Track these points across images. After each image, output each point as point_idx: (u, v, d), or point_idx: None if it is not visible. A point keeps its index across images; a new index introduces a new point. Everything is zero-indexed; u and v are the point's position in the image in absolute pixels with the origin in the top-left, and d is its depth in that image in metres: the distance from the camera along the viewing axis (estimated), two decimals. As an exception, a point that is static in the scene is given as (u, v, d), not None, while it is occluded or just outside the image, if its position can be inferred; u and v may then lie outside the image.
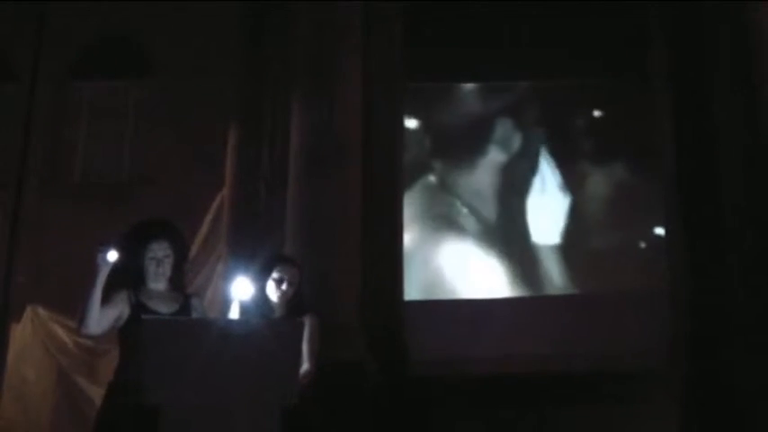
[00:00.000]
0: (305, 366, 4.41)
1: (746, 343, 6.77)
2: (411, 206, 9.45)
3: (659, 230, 9.50)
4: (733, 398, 6.65)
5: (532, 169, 10.60)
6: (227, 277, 4.61)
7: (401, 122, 9.13)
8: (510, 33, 10.11)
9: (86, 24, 10.79)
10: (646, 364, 7.65)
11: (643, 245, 10.01)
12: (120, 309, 4.23)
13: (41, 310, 8.95)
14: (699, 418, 6.85)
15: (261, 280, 4.68)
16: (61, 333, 8.82)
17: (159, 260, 4.35)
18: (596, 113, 10.56)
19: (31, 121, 10.15)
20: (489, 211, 10.60)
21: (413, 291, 9.55)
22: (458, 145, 10.66)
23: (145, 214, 5.33)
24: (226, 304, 4.31)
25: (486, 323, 9.30)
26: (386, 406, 6.62)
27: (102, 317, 4.14)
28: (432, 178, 10.51)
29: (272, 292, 4.72)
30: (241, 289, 4.15)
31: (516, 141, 10.63)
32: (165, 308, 4.32)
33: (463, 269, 10.40)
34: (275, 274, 4.74)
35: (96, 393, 8.35)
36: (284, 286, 4.72)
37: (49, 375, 8.79)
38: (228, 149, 8.90)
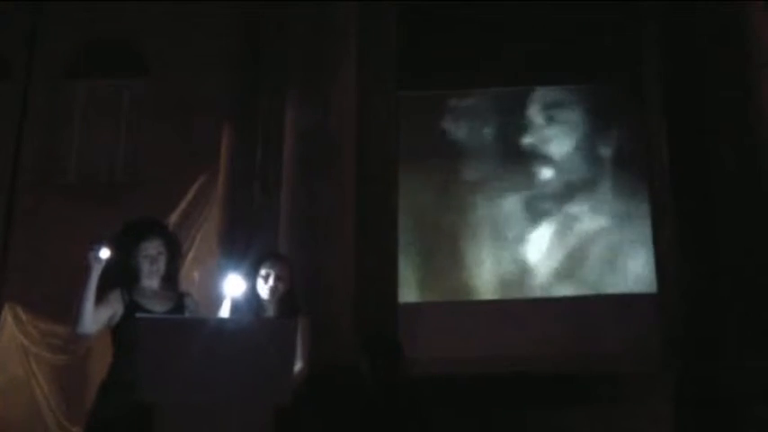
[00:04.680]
0: (298, 366, 4.41)
1: (740, 345, 6.78)
2: (406, 208, 9.45)
3: (653, 234, 9.51)
4: (727, 400, 6.66)
5: (526, 172, 10.61)
6: (219, 276, 4.61)
7: (396, 124, 9.14)
8: (505, 39, 10.13)
9: (81, 23, 10.77)
10: (640, 366, 7.67)
11: (637, 248, 10.02)
12: (113, 307, 4.23)
13: (19, 310, 8.94)
14: (693, 420, 6.86)
15: (251, 278, 4.68)
16: (34, 333, 8.81)
17: (153, 258, 4.36)
18: (590, 119, 10.56)
19: (25, 120, 10.15)
20: (484, 213, 10.60)
21: (408, 292, 9.57)
22: (454, 147, 10.67)
23: (139, 213, 5.34)
24: (218, 303, 4.32)
25: (482, 325, 9.32)
26: (379, 407, 6.62)
27: (96, 316, 4.13)
28: (428, 180, 10.51)
29: (262, 289, 4.71)
30: (233, 287, 4.16)
31: (510, 145, 10.63)
32: (158, 306, 4.33)
33: (458, 271, 10.41)
34: (263, 270, 4.74)
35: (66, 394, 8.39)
36: (272, 281, 4.71)
37: (34, 374, 8.78)
38: (223, 149, 8.89)
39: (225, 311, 4.16)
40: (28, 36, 10.41)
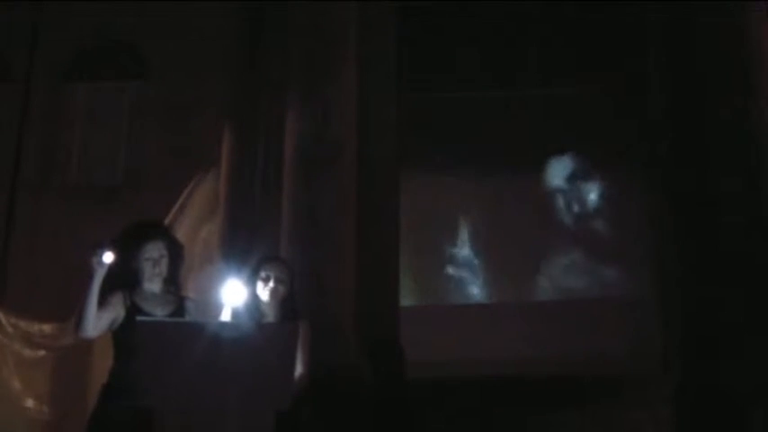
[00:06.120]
0: (298, 370, 4.40)
1: (740, 347, 6.79)
2: (407, 211, 9.44)
3: (652, 235, 9.51)
4: (726, 402, 6.66)
5: (526, 175, 10.61)
6: (219, 279, 4.61)
7: (396, 124, 9.12)
8: (506, 39, 10.13)
9: (82, 25, 10.77)
10: (641, 368, 7.68)
11: (636, 249, 10.02)
12: (116, 311, 4.23)
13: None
14: (694, 422, 6.86)
15: (251, 284, 4.68)
16: (14, 333, 8.77)
17: (155, 260, 4.36)
18: (588, 118, 10.55)
19: (25, 123, 10.15)
20: (484, 216, 10.61)
21: (408, 295, 9.57)
22: (454, 149, 10.66)
23: (140, 215, 5.34)
24: (217, 307, 4.31)
25: (482, 327, 9.33)
26: (380, 409, 6.63)
27: (98, 320, 4.14)
28: (428, 181, 10.50)
29: (262, 293, 4.71)
30: (233, 295, 4.15)
31: (510, 147, 10.62)
32: (159, 310, 4.33)
33: (458, 273, 10.41)
34: (263, 273, 4.74)
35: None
36: (272, 283, 4.71)
37: (13, 375, 8.75)
38: (224, 151, 8.88)
39: (225, 318, 4.16)
40: (28, 37, 10.40)
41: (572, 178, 10.55)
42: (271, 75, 8.78)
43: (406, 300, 9.24)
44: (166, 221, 7.95)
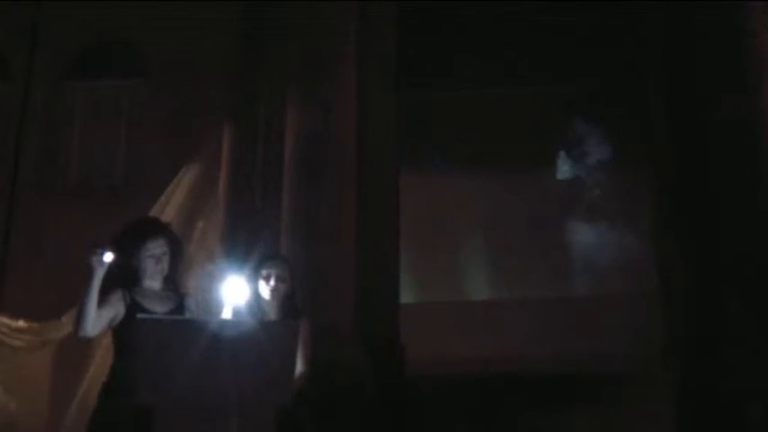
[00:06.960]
0: (298, 367, 4.41)
1: (740, 347, 6.79)
2: (407, 209, 9.45)
3: (652, 234, 9.52)
4: (726, 402, 6.66)
5: (527, 174, 10.61)
6: (219, 278, 4.63)
7: (396, 124, 9.13)
8: (506, 39, 10.12)
9: (82, 25, 10.75)
10: (640, 367, 7.67)
11: (637, 247, 10.02)
12: (116, 309, 4.23)
13: None
14: (694, 421, 6.87)
15: (252, 282, 4.69)
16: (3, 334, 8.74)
17: (158, 258, 4.38)
18: (588, 118, 10.54)
19: (25, 123, 10.13)
20: (484, 215, 10.61)
21: (408, 293, 9.57)
22: (454, 148, 10.66)
23: (140, 215, 5.34)
24: (218, 305, 4.32)
25: (482, 325, 9.33)
26: (380, 406, 6.64)
27: (98, 318, 4.14)
28: (428, 180, 10.50)
29: (264, 291, 4.72)
30: (234, 293, 4.16)
31: (510, 147, 10.62)
32: (160, 307, 4.34)
33: (458, 271, 10.42)
34: (264, 271, 4.76)
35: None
36: (273, 281, 4.73)
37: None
38: (223, 151, 8.88)
39: (226, 316, 4.16)
40: (28, 37, 10.38)
41: (572, 177, 10.55)
42: (271, 74, 8.78)
43: (406, 298, 9.24)
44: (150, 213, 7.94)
